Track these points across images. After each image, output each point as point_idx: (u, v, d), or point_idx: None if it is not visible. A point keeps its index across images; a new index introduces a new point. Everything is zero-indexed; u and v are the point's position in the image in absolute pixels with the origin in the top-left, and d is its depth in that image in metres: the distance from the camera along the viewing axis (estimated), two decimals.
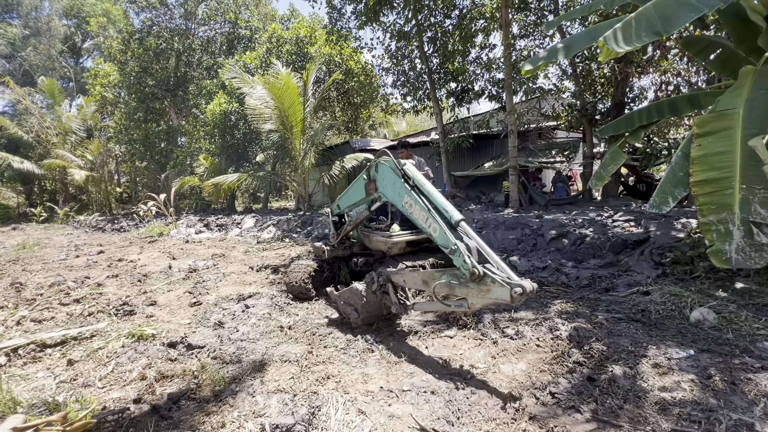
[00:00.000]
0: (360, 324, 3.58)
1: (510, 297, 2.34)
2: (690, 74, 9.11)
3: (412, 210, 3.13)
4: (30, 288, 5.43)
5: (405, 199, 3.19)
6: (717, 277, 4.27)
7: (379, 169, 3.58)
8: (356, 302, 3.55)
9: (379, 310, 3.51)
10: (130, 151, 21.95)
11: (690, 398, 2.22)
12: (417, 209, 3.06)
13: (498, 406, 2.28)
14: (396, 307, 3.36)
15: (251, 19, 22.38)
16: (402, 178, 3.23)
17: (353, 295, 3.56)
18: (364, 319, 3.54)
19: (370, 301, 3.45)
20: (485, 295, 2.52)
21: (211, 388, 2.60)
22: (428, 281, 3.01)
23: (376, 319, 3.64)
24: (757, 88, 3.47)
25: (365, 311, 3.50)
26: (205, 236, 11.40)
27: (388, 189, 3.49)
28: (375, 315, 3.56)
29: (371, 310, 3.50)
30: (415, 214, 3.10)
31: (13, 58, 29.87)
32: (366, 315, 3.52)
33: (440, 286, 2.84)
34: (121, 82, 20.73)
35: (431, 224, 2.90)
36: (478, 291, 2.56)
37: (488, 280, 2.48)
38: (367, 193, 3.90)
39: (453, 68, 12.84)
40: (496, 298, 2.46)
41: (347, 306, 3.64)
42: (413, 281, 3.21)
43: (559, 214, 8.16)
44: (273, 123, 13.15)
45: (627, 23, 3.48)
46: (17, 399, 2.42)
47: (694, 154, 3.43)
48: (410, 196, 3.13)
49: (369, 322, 3.61)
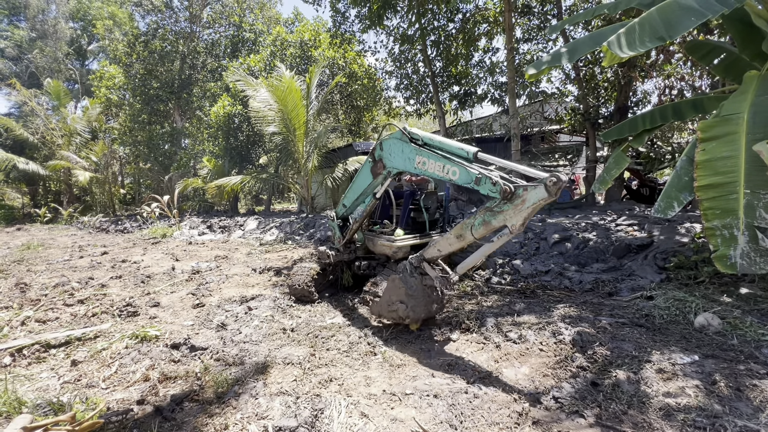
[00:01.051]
0: (413, 318, 3.33)
1: (547, 191, 2.34)
2: (694, 78, 9.10)
3: (426, 167, 3.13)
4: (34, 288, 5.46)
5: (417, 160, 3.21)
6: (721, 282, 4.25)
7: (384, 145, 3.61)
8: (401, 295, 3.34)
9: (427, 298, 3.32)
10: (134, 153, 22.09)
11: (695, 404, 2.20)
12: (431, 163, 3.06)
13: (501, 410, 2.27)
14: (439, 280, 3.20)
15: (255, 22, 22.54)
16: (410, 142, 3.25)
17: (395, 289, 3.39)
18: (413, 308, 3.29)
19: (412, 286, 3.29)
20: (523, 207, 2.50)
21: (214, 389, 2.61)
22: (462, 233, 2.95)
23: (426, 310, 3.37)
24: (762, 92, 3.46)
25: (412, 300, 3.30)
26: (208, 238, 11.44)
27: (397, 159, 3.50)
28: (424, 304, 3.33)
29: (418, 297, 3.30)
30: (430, 170, 3.09)
31: (19, 60, 30.17)
32: (414, 303, 3.29)
33: (477, 228, 2.81)
34: (125, 85, 20.90)
35: (449, 169, 2.90)
36: (514, 208, 2.54)
37: (520, 191, 2.48)
38: (374, 175, 3.91)
39: (456, 72, 12.87)
40: (534, 202, 2.44)
41: (394, 304, 3.38)
42: (447, 244, 3.11)
43: (562, 218, 8.14)
44: (276, 125, 13.22)
45: (631, 28, 3.48)
46: (22, 399, 2.43)
47: (699, 158, 3.42)
48: (421, 154, 3.15)
49: (420, 314, 3.33)
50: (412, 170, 3.37)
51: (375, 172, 3.89)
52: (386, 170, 3.73)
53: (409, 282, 3.31)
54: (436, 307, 3.47)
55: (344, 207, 4.73)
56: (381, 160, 3.72)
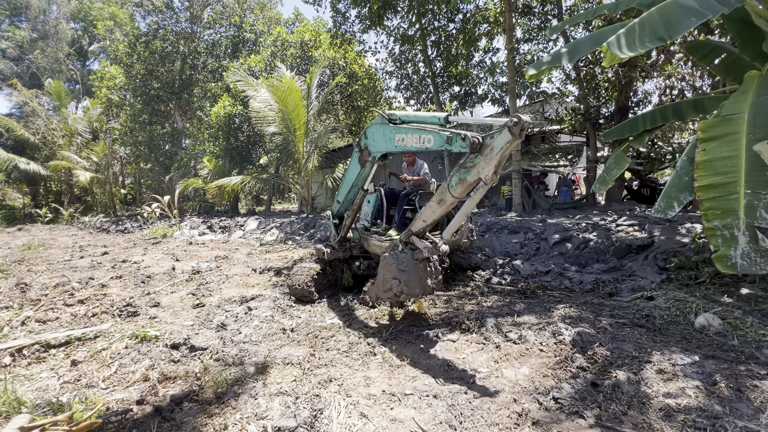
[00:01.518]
0: (408, 293, 3.30)
1: (510, 133, 2.40)
2: (694, 79, 9.09)
3: (405, 143, 3.23)
4: (35, 288, 5.46)
5: (396, 138, 3.31)
6: (722, 282, 4.24)
7: (368, 133, 3.73)
8: (393, 272, 3.32)
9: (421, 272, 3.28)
10: (134, 153, 22.11)
11: (695, 405, 2.20)
12: (409, 137, 3.17)
13: (501, 410, 2.27)
14: (428, 249, 3.22)
15: (256, 22, 22.56)
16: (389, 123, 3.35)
17: (387, 267, 3.39)
18: (407, 282, 3.25)
19: (403, 261, 3.28)
20: (492, 155, 2.57)
21: (214, 390, 2.61)
22: (443, 197, 3.02)
23: (421, 285, 3.31)
24: (762, 92, 3.45)
25: (405, 275, 3.27)
26: (209, 238, 11.44)
27: (379, 143, 3.61)
28: (418, 279, 3.28)
29: (411, 271, 3.26)
30: (409, 143, 3.20)
31: (21, 61, 30.22)
32: (407, 278, 3.25)
33: (455, 188, 2.88)
34: (126, 85, 20.94)
35: (424, 137, 3.01)
36: (485, 158, 2.62)
37: (487, 140, 2.56)
38: (362, 165, 4.01)
39: (456, 72, 12.87)
40: (501, 147, 2.52)
41: (388, 283, 3.35)
42: (430, 212, 3.18)
43: (563, 218, 8.13)
44: (277, 126, 13.23)
45: (631, 28, 3.48)
46: (22, 399, 2.43)
47: (699, 158, 3.41)
48: (399, 131, 3.26)
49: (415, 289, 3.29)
50: (393, 149, 3.47)
51: (362, 161, 4.00)
52: (371, 156, 3.82)
53: (400, 258, 3.32)
54: (431, 282, 3.37)
55: (338, 203, 4.80)
56: (366, 147, 3.84)
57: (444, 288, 5.08)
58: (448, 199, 3.00)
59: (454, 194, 2.94)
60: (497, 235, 7.36)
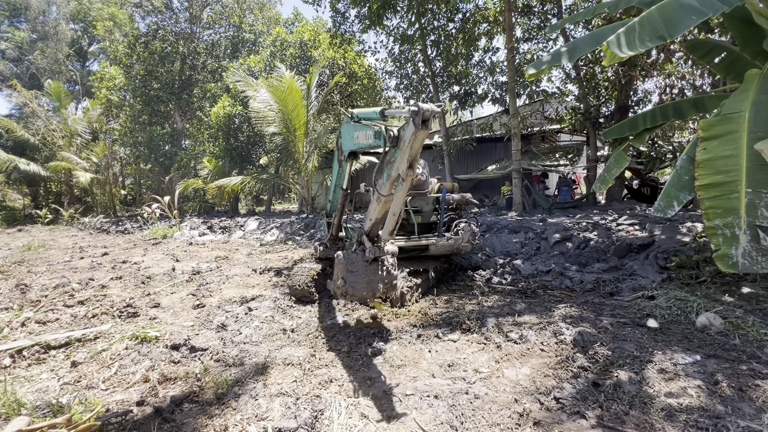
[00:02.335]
0: (352, 294, 3.24)
1: (413, 124, 2.34)
2: (695, 77, 9.08)
3: (359, 140, 3.26)
4: (35, 289, 5.46)
5: (355, 136, 3.34)
6: (723, 281, 4.23)
7: (341, 132, 3.78)
8: (342, 271, 3.27)
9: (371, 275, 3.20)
10: (134, 154, 22.10)
11: (697, 404, 2.19)
12: (360, 134, 3.20)
13: (502, 410, 2.26)
14: (371, 250, 3.14)
15: (255, 23, 22.56)
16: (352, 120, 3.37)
17: (338, 266, 3.34)
18: (352, 284, 3.19)
19: (352, 261, 3.22)
20: (404, 147, 2.52)
21: (214, 390, 2.60)
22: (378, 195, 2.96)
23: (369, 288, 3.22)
24: (763, 91, 3.44)
25: (351, 275, 3.20)
26: (209, 238, 11.44)
27: (346, 141, 3.67)
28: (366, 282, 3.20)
29: (358, 273, 3.20)
30: (362, 140, 3.22)
31: (20, 62, 30.21)
32: (353, 279, 3.19)
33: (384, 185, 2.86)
34: (126, 86, 20.93)
35: (368, 133, 3.04)
36: (401, 152, 2.58)
37: (400, 132, 2.53)
38: (339, 164, 4.06)
39: (456, 71, 12.86)
40: (408, 139, 2.47)
41: (339, 281, 3.33)
42: (373, 210, 3.12)
43: (563, 218, 8.12)
44: (276, 126, 13.22)
45: (631, 27, 3.47)
46: (21, 400, 2.42)
47: (700, 157, 3.40)
48: (356, 129, 3.30)
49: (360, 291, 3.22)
50: (353, 147, 3.52)
51: (339, 160, 4.06)
52: (343, 155, 3.87)
53: (350, 258, 3.26)
54: (381, 286, 3.29)
55: (330, 203, 4.84)
56: (341, 147, 3.91)
57: (444, 289, 5.08)
58: (382, 198, 2.92)
59: (381, 192, 2.88)
60: (498, 235, 7.35)
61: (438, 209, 5.19)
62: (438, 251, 4.93)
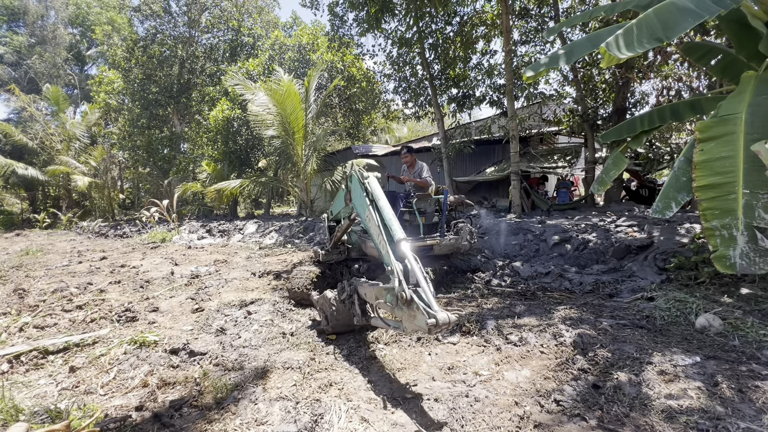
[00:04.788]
0: (329, 332, 3.57)
1: (426, 327, 2.25)
2: (691, 79, 9.12)
3: (370, 224, 3.13)
4: (33, 294, 5.44)
5: (366, 213, 3.20)
6: (722, 282, 4.24)
7: (352, 180, 3.62)
8: (327, 309, 3.53)
9: (349, 320, 3.42)
10: (133, 158, 22.08)
11: (697, 406, 2.19)
12: (373, 224, 3.05)
13: (502, 413, 2.26)
14: (357, 318, 3.30)
15: (254, 26, 22.61)
16: (364, 192, 3.24)
17: (325, 303, 3.55)
18: (333, 326, 3.52)
19: (339, 309, 3.42)
20: (413, 321, 2.44)
21: (213, 395, 2.59)
22: (379, 297, 2.89)
23: (346, 329, 3.56)
24: (759, 93, 3.46)
25: (334, 320, 3.49)
26: (208, 242, 11.42)
27: (357, 201, 3.51)
28: (344, 324, 3.50)
29: (340, 319, 3.46)
30: (371, 229, 3.10)
31: (18, 66, 30.20)
32: (335, 323, 3.50)
33: (382, 305, 2.81)
34: (124, 89, 20.93)
35: (381, 241, 2.90)
36: (408, 315, 2.48)
37: (414, 306, 2.39)
38: (345, 203, 3.99)
39: (454, 74, 12.90)
40: (417, 327, 2.40)
41: (321, 312, 3.66)
42: (370, 294, 3.10)
43: (562, 220, 8.14)
44: (275, 129, 13.23)
45: (628, 29, 3.49)
46: (19, 406, 2.41)
47: (697, 159, 3.42)
48: (368, 211, 3.14)
49: (338, 330, 3.57)
50: (363, 218, 3.35)
51: (346, 200, 3.97)
52: (351, 204, 3.76)
53: (338, 306, 3.43)
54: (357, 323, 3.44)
55: (330, 213, 4.82)
56: (350, 192, 3.75)
57: (444, 291, 5.08)
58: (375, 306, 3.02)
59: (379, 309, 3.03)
60: (497, 237, 7.36)
61: (438, 210, 5.25)
62: (441, 251, 5.01)
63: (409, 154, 5.59)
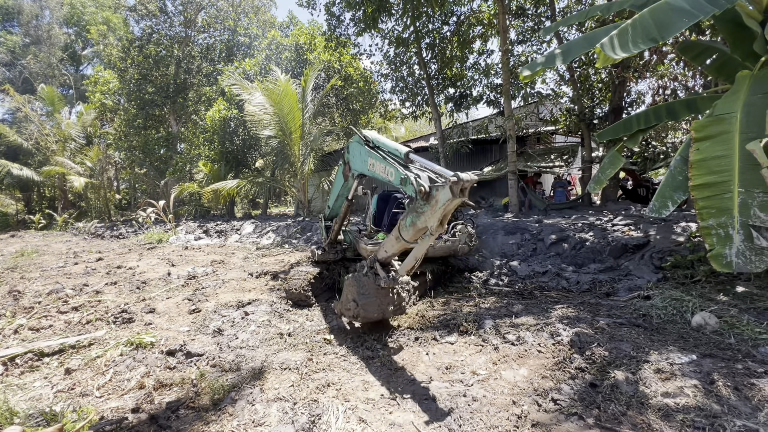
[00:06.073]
0: (364, 317, 3.33)
1: (451, 191, 2.37)
2: (687, 79, 9.16)
3: (374, 169, 3.24)
4: (28, 296, 5.40)
5: (369, 162, 3.32)
6: (718, 281, 4.26)
7: (350, 148, 3.76)
8: (354, 294, 3.36)
9: (382, 298, 3.30)
10: (129, 158, 21.97)
11: (693, 404, 2.20)
12: (377, 165, 3.17)
13: (500, 412, 2.26)
14: (385, 280, 3.22)
15: (250, 26, 22.55)
16: (364, 143, 3.38)
17: (349, 288, 3.44)
18: (364, 306, 3.28)
19: (364, 284, 3.30)
20: (436, 207, 2.54)
21: (211, 396, 2.58)
22: (399, 234, 2.99)
23: (379, 310, 3.32)
24: (754, 92, 3.49)
25: (364, 298, 3.30)
26: (205, 243, 11.37)
27: (357, 162, 3.64)
28: (377, 304, 3.30)
29: (370, 296, 3.29)
30: (377, 171, 3.20)
31: (13, 66, 29.97)
32: (366, 302, 3.29)
33: (407, 230, 2.87)
34: (120, 90, 20.82)
35: (389, 171, 3.00)
36: (431, 209, 2.59)
37: (434, 191, 2.52)
38: (345, 178, 4.07)
39: (451, 74, 12.91)
40: (443, 203, 2.48)
41: (349, 302, 3.42)
42: (390, 245, 3.17)
43: (559, 219, 8.16)
44: (272, 129, 13.20)
45: (623, 30, 3.50)
46: (14, 409, 2.39)
47: (693, 158, 3.44)
48: (371, 156, 3.27)
49: (372, 314, 3.31)
50: (366, 172, 3.48)
51: (345, 174, 4.06)
52: (351, 172, 3.86)
53: (361, 281, 3.35)
54: (392, 309, 3.41)
55: (329, 209, 4.85)
56: (348, 162, 3.89)
57: (441, 290, 5.07)
58: (403, 240, 2.98)
59: (405, 237, 2.92)
60: (494, 237, 7.37)
61: None
62: (435, 253, 4.87)
63: None
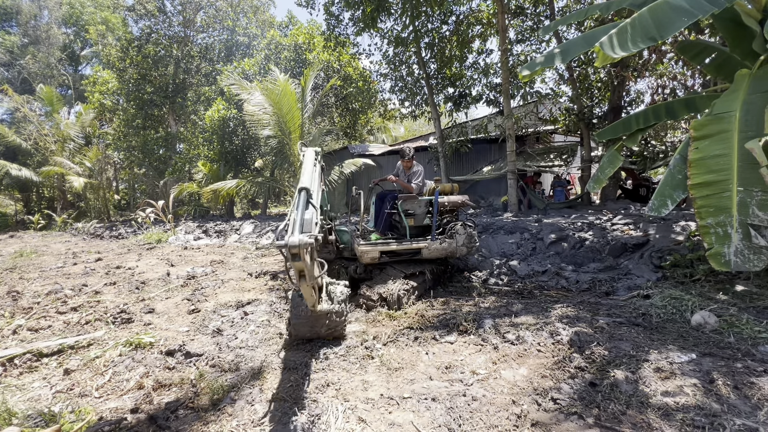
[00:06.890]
0: (293, 335, 3.35)
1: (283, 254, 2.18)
2: (686, 78, 9.17)
3: None
4: (27, 296, 5.38)
5: None
6: (717, 279, 4.27)
7: None
8: (290, 312, 3.32)
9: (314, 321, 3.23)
10: (128, 158, 21.91)
11: (693, 403, 2.20)
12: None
13: (499, 412, 2.26)
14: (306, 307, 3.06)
15: (249, 26, 22.51)
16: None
17: (290, 304, 3.35)
18: (295, 326, 3.28)
19: (297, 305, 3.23)
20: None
21: (210, 396, 2.57)
22: None
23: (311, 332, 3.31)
24: (753, 91, 3.49)
25: (296, 318, 3.26)
26: (204, 243, 11.36)
27: None
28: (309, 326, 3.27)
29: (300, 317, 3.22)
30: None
31: (11, 66, 29.90)
32: (296, 323, 3.27)
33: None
34: (119, 90, 20.77)
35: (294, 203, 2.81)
36: None
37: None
38: None
39: (450, 73, 12.91)
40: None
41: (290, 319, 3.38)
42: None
43: (558, 218, 8.16)
44: (271, 129, 13.18)
45: (623, 29, 3.50)
46: (12, 410, 2.38)
47: (692, 157, 3.44)
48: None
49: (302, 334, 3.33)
50: None
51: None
52: None
53: (295, 302, 3.25)
54: (325, 331, 3.33)
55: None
56: None
57: (441, 290, 5.07)
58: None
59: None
60: (494, 236, 7.37)
61: (432, 212, 5.14)
62: (431, 255, 4.79)
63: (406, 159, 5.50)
